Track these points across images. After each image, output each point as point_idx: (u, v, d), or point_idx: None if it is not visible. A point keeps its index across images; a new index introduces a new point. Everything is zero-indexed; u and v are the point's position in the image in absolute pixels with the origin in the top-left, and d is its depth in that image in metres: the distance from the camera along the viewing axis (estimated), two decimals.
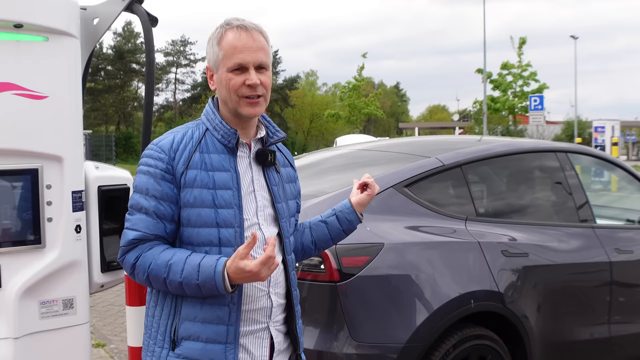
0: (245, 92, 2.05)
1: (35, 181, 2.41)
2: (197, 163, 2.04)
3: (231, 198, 2.05)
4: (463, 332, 3.32)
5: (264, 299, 2.11)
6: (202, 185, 2.03)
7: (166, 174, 2.03)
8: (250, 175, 2.14)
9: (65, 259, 2.48)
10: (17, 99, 2.35)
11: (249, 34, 2.06)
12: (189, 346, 2.01)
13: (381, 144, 4.87)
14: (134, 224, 2.02)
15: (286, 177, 2.28)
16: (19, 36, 2.36)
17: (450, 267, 3.35)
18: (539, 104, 30.70)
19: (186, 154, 2.05)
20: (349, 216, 2.40)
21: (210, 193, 2.03)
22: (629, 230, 4.52)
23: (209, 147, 2.08)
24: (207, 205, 2.03)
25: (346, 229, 2.42)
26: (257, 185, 2.15)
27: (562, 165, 4.23)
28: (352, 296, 3.10)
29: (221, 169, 2.07)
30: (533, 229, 3.84)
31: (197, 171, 2.03)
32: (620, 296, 4.10)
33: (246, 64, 2.04)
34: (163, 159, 2.03)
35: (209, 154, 2.07)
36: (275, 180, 2.19)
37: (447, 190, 3.75)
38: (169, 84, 69.27)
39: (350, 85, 39.29)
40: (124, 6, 2.73)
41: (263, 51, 2.08)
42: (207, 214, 2.02)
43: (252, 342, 2.11)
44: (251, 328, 2.10)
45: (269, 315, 2.13)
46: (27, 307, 2.41)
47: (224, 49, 2.06)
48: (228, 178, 2.06)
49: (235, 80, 2.04)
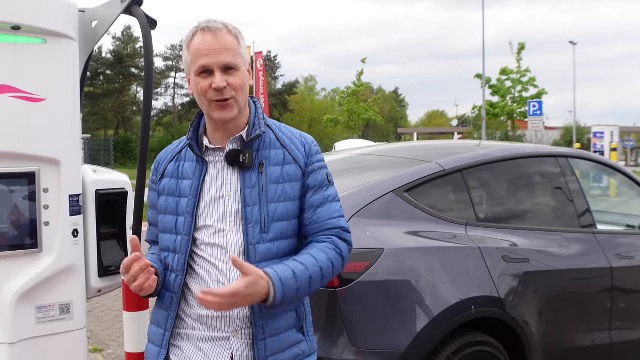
0: (213, 95, 2.00)
1: (33, 185, 2.39)
2: (170, 172, 2.15)
3: (186, 206, 2.08)
4: (464, 338, 3.30)
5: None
6: (169, 192, 2.12)
7: (152, 184, 2.21)
8: (221, 179, 2.08)
9: (62, 263, 2.46)
10: (15, 101, 2.33)
11: (213, 36, 1.99)
12: (148, 345, 2.19)
13: (381, 149, 4.85)
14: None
15: (278, 177, 2.08)
16: (16, 38, 2.35)
17: (451, 272, 3.33)
18: (538, 110, 30.71)
19: (164, 163, 2.18)
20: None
21: (175, 200, 2.11)
22: (630, 235, 4.50)
23: (186, 156, 2.15)
24: (170, 212, 2.11)
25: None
26: (229, 189, 2.07)
27: (562, 170, 4.22)
28: (351, 302, 3.08)
29: (187, 176, 2.11)
30: (534, 235, 3.82)
31: (168, 179, 2.14)
32: (621, 302, 4.08)
33: (210, 67, 1.99)
34: (152, 170, 2.20)
35: (183, 162, 2.14)
36: (250, 182, 2.05)
37: (447, 195, 3.73)
38: (168, 89, 69.45)
39: (349, 90, 39.26)
40: (122, 9, 2.71)
41: (229, 52, 2.00)
42: (169, 220, 2.11)
43: (211, 349, 2.06)
44: (212, 334, 2.07)
45: (230, 325, 2.05)
46: (23, 312, 2.38)
47: (191, 53, 2.02)
48: (188, 185, 2.10)
49: (203, 84, 2.01)
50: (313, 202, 2.13)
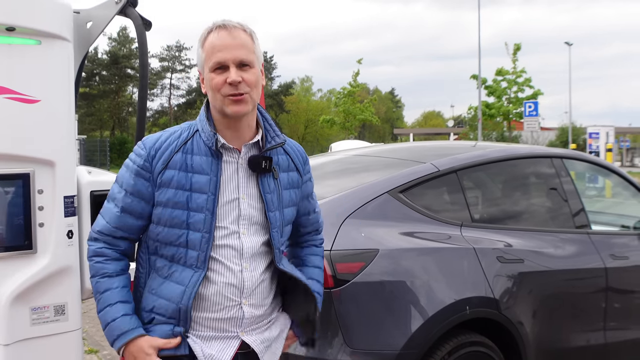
0: (228, 90, 2.02)
1: (27, 186, 2.39)
2: (177, 163, 2.05)
3: (204, 202, 2.04)
4: (458, 338, 3.30)
5: (234, 309, 2.09)
6: (179, 186, 2.04)
7: (142, 170, 2.07)
8: (235, 181, 2.10)
9: (56, 264, 2.45)
10: (9, 102, 2.32)
11: (229, 32, 2.04)
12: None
13: (376, 150, 4.86)
14: (104, 212, 2.15)
15: (287, 182, 2.20)
16: (11, 39, 2.34)
17: (446, 273, 3.34)
18: (534, 110, 30.82)
19: (167, 154, 2.06)
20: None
21: (185, 194, 2.04)
22: (624, 236, 4.52)
23: (194, 148, 2.08)
24: (181, 206, 2.04)
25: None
26: (244, 193, 2.10)
27: (557, 171, 4.23)
28: (346, 303, 3.08)
29: (201, 171, 2.06)
30: (528, 235, 3.83)
31: (175, 171, 2.05)
32: (615, 302, 4.09)
33: (225, 62, 2.02)
34: (142, 155, 2.08)
35: (192, 155, 2.07)
36: (269, 188, 2.13)
37: (442, 196, 3.74)
38: (164, 90, 69.38)
39: (345, 91, 39.28)
40: (117, 10, 2.71)
41: (244, 48, 2.04)
42: (179, 215, 2.04)
43: (214, 347, 2.09)
44: (217, 334, 2.09)
45: (239, 325, 2.10)
46: (17, 313, 2.37)
47: (206, 49, 2.05)
48: (205, 181, 2.05)
49: (217, 80, 2.03)
50: (312, 207, 2.37)
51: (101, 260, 2.10)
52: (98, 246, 2.11)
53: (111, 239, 2.11)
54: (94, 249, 2.12)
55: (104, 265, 2.09)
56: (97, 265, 2.10)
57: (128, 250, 2.15)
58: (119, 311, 2.04)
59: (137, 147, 2.11)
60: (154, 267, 2.12)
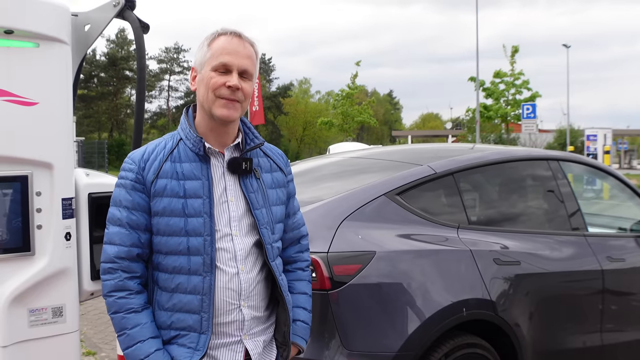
0: (224, 93, 2.06)
1: (25, 188, 2.39)
2: (167, 172, 2.08)
3: (201, 206, 2.06)
4: (455, 340, 3.31)
5: (235, 312, 2.10)
6: (172, 194, 2.06)
7: (136, 183, 2.08)
8: (223, 184, 2.13)
9: (54, 266, 2.45)
10: (7, 105, 2.33)
11: (241, 41, 2.10)
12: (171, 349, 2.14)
13: (373, 152, 4.87)
14: (110, 237, 2.09)
15: (271, 182, 2.23)
16: (9, 42, 2.35)
17: (443, 275, 3.35)
18: (532, 112, 30.87)
19: (156, 164, 2.09)
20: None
21: (180, 202, 2.06)
22: (621, 238, 4.53)
23: (181, 156, 2.11)
24: (177, 214, 2.05)
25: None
26: (231, 195, 2.13)
27: (554, 173, 4.24)
28: (343, 305, 3.09)
29: (192, 177, 2.08)
30: (525, 237, 3.84)
31: (167, 180, 2.07)
32: (612, 304, 4.10)
33: (230, 66, 2.06)
34: (133, 170, 2.09)
35: (180, 163, 2.09)
36: (252, 187, 2.16)
37: (439, 199, 3.75)
38: (162, 91, 69.47)
39: (344, 93, 39.34)
40: (115, 13, 2.71)
41: (250, 60, 2.11)
42: (176, 222, 2.05)
43: (223, 354, 2.10)
44: (222, 341, 2.10)
45: (241, 328, 2.12)
46: (15, 315, 2.38)
47: (213, 49, 2.09)
48: (198, 186, 2.08)
49: (217, 80, 2.06)
50: (294, 209, 2.36)
51: (124, 295, 2.05)
52: (118, 279, 2.06)
53: (128, 263, 2.06)
54: (114, 283, 2.06)
55: (128, 301, 2.05)
56: (121, 301, 2.05)
57: (144, 275, 2.12)
58: (152, 346, 2.03)
59: (125, 164, 2.11)
60: (157, 282, 2.12)
